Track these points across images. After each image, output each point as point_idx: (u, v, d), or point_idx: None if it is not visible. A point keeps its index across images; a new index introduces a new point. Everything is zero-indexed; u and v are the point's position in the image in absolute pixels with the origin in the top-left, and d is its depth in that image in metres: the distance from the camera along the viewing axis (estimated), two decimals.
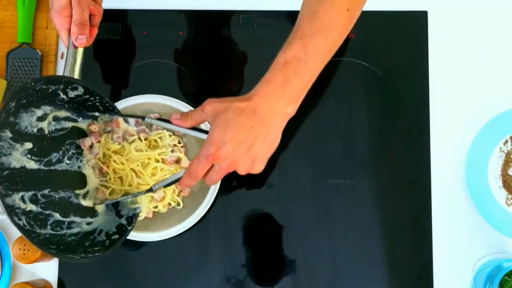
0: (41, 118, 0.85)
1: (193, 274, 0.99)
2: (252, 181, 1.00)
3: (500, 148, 1.01)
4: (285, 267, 0.99)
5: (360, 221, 0.99)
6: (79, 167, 0.91)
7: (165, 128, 0.90)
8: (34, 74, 1.01)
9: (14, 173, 0.81)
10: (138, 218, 0.97)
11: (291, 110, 0.76)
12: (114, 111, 0.90)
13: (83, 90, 0.86)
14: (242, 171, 0.76)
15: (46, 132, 0.86)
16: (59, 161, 0.88)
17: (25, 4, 1.01)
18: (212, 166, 0.76)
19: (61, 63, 1.04)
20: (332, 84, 1.03)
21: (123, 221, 0.90)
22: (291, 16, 1.04)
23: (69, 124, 0.89)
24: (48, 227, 0.83)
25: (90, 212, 0.89)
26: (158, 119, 0.88)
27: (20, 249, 0.93)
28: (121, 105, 0.98)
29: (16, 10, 1.02)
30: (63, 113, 0.87)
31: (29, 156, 0.83)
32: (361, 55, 1.03)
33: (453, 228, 0.99)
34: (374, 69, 1.02)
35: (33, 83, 0.80)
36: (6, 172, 0.80)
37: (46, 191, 0.85)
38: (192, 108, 0.98)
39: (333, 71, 1.03)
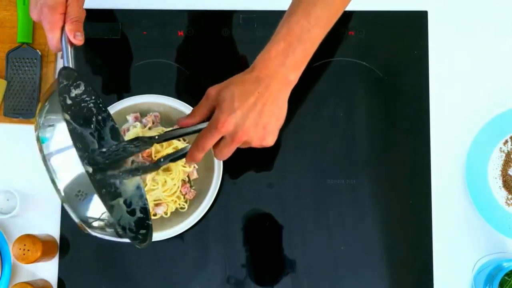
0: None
1: (193, 274, 0.99)
2: (252, 180, 1.00)
3: (500, 148, 1.01)
4: (285, 267, 0.99)
5: (360, 221, 0.99)
6: None
7: (177, 137, 0.83)
8: (34, 74, 1.01)
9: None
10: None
11: (294, 77, 0.76)
12: (106, 113, 0.87)
13: (83, 88, 0.83)
14: (255, 142, 0.75)
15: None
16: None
17: (25, 4, 1.01)
18: (222, 138, 0.75)
19: (61, 63, 1.03)
20: (332, 84, 1.03)
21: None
22: None
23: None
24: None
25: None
26: (166, 132, 0.83)
27: (20, 249, 0.93)
28: (121, 105, 0.98)
29: (16, 10, 1.02)
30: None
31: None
32: (361, 55, 1.03)
33: (453, 228, 0.99)
34: (374, 69, 1.02)
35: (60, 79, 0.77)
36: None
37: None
38: (192, 108, 0.98)
39: (333, 71, 1.03)
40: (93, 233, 0.73)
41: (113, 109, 0.98)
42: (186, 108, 0.98)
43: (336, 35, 1.03)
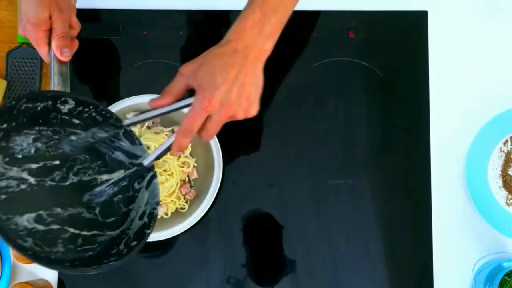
0: (37, 139, 0.79)
1: (193, 274, 0.99)
2: (252, 180, 1.00)
3: (500, 148, 1.01)
4: (285, 267, 0.99)
5: (360, 221, 0.99)
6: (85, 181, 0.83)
7: (149, 119, 0.80)
8: (34, 74, 1.01)
9: (13, 196, 0.76)
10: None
11: (269, 47, 0.76)
12: (112, 118, 0.82)
13: (74, 102, 0.79)
14: (240, 115, 0.74)
15: (46, 151, 0.80)
16: (64, 178, 0.81)
17: None
18: (208, 117, 0.73)
19: None
20: (332, 84, 1.03)
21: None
22: (291, 16, 1.03)
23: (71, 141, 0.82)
24: (59, 245, 0.77)
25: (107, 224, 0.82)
26: (138, 114, 0.81)
27: None
28: (121, 105, 0.98)
29: (16, 10, 1.02)
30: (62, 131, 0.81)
31: (28, 177, 0.78)
32: (361, 55, 1.03)
33: (453, 228, 0.99)
34: (374, 69, 1.02)
35: (14, 102, 0.74)
36: (3, 197, 0.75)
37: (52, 210, 0.78)
38: None
39: (333, 71, 1.03)
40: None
41: (113, 109, 0.98)
42: (186, 108, 0.98)
43: (336, 35, 1.03)
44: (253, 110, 0.75)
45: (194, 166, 0.99)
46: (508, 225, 0.99)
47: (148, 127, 0.99)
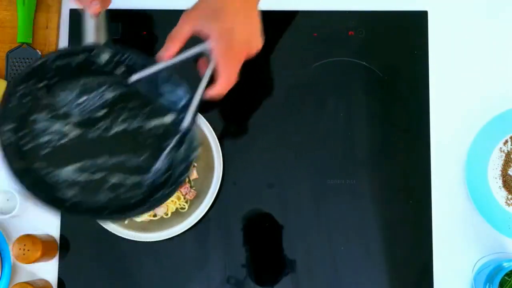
0: (80, 92, 0.82)
1: (193, 274, 0.99)
2: (252, 180, 1.00)
3: (500, 148, 1.01)
4: (285, 267, 0.99)
5: (360, 221, 0.99)
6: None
7: (159, 70, 0.79)
8: None
9: (57, 149, 0.80)
10: (137, 220, 0.97)
11: None
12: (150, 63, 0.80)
13: (109, 51, 0.80)
14: (253, 50, 0.79)
15: (89, 103, 0.82)
16: (108, 128, 0.82)
17: (25, 4, 1.01)
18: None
19: None
20: (332, 84, 1.03)
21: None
22: (291, 16, 1.04)
23: (115, 92, 0.83)
24: (102, 194, 0.80)
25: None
26: (147, 69, 0.80)
27: (20, 249, 0.93)
28: None
29: (16, 10, 1.02)
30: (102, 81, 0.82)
31: (72, 129, 0.81)
32: (361, 55, 1.03)
33: (453, 228, 0.99)
34: (374, 69, 1.02)
35: (45, 59, 0.77)
36: (48, 150, 0.79)
37: (95, 160, 0.81)
38: None
39: (333, 71, 1.03)
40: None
41: None
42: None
43: (336, 35, 1.03)
44: (260, 42, 0.80)
45: (194, 166, 0.99)
46: (508, 225, 0.99)
47: None
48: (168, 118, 0.82)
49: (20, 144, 0.80)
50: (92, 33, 0.84)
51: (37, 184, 0.78)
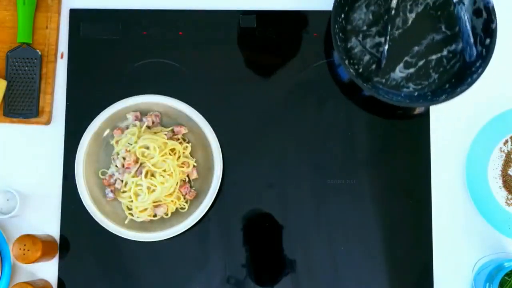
0: (368, 4, 0.99)
1: (193, 274, 0.99)
2: (252, 180, 1.00)
3: (500, 148, 1.01)
4: (285, 267, 0.99)
5: (360, 221, 0.99)
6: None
7: None
8: (34, 74, 1.01)
9: (378, 60, 0.99)
10: (137, 220, 0.97)
11: None
12: None
13: None
14: None
15: (379, 9, 0.99)
16: (405, 21, 0.99)
17: (25, 4, 1.01)
18: None
19: (61, 63, 1.04)
20: (332, 84, 1.03)
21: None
22: (291, 16, 1.04)
23: None
24: (432, 74, 0.99)
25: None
26: None
27: (20, 249, 0.93)
28: (121, 104, 0.98)
29: (16, 10, 1.02)
30: None
31: (381, 39, 0.99)
32: None
33: (453, 228, 0.99)
34: None
35: None
36: (373, 67, 0.99)
37: (412, 51, 0.99)
38: (193, 109, 0.98)
39: (333, 71, 1.03)
40: None
41: (114, 108, 0.98)
42: (186, 108, 0.98)
43: None
44: None
45: (194, 166, 0.99)
46: (508, 225, 0.99)
47: (148, 127, 0.99)
48: None
49: (359, 72, 0.99)
50: None
51: (388, 93, 0.98)
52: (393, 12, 0.98)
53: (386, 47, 0.97)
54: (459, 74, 0.98)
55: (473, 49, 0.97)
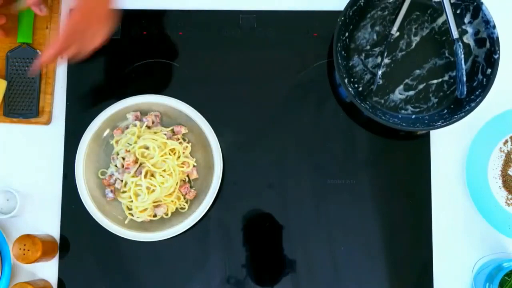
0: (373, 25, 1.00)
1: (193, 274, 0.99)
2: (252, 180, 1.00)
3: (500, 148, 1.01)
4: (285, 267, 0.99)
5: (360, 221, 0.99)
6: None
7: None
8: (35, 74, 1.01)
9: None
10: (137, 220, 0.97)
11: None
12: None
13: None
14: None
15: (384, 30, 0.99)
16: (408, 44, 1.00)
17: None
18: None
19: (61, 63, 1.03)
20: (332, 84, 1.03)
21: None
22: (291, 16, 1.04)
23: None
24: (432, 98, 0.99)
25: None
26: None
27: (20, 249, 0.93)
28: (121, 104, 0.98)
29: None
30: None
31: (383, 59, 0.98)
32: None
33: (453, 228, 0.99)
34: None
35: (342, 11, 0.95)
36: (373, 87, 0.99)
37: (413, 74, 0.99)
38: (193, 109, 0.98)
39: (333, 71, 1.03)
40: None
41: (114, 108, 0.98)
42: (186, 108, 0.98)
43: None
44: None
45: (194, 166, 0.99)
46: (508, 225, 0.99)
47: (148, 127, 0.99)
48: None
49: (359, 91, 0.98)
50: None
51: (385, 114, 0.98)
52: (392, 38, 0.98)
53: (380, 72, 0.98)
54: (458, 100, 0.97)
55: (464, 88, 0.96)
